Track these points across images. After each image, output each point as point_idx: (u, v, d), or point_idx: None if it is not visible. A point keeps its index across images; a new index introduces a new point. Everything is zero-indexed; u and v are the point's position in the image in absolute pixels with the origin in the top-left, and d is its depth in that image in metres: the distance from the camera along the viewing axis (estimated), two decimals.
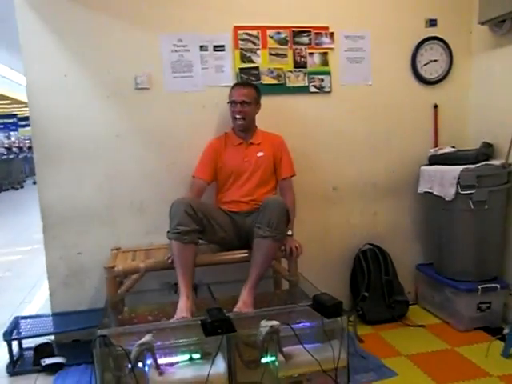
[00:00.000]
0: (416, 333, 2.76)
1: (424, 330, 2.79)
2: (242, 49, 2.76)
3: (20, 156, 13.40)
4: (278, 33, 2.80)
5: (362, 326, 2.83)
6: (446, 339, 2.64)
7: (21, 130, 15.51)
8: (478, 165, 2.66)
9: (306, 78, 2.86)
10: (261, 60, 2.79)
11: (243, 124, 2.55)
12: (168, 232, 2.28)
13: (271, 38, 2.79)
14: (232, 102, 2.54)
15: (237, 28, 2.74)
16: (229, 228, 2.48)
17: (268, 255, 2.30)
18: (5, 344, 2.48)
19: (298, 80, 2.86)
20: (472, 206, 2.65)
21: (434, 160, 2.92)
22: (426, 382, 2.22)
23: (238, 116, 2.53)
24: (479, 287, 2.68)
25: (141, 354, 1.76)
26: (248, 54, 2.77)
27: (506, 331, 2.55)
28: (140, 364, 1.79)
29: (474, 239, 2.73)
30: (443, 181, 2.73)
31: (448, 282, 2.80)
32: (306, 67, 2.85)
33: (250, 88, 2.57)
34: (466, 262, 2.77)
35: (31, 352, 2.52)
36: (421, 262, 3.17)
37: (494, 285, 2.72)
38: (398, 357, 2.47)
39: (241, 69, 2.76)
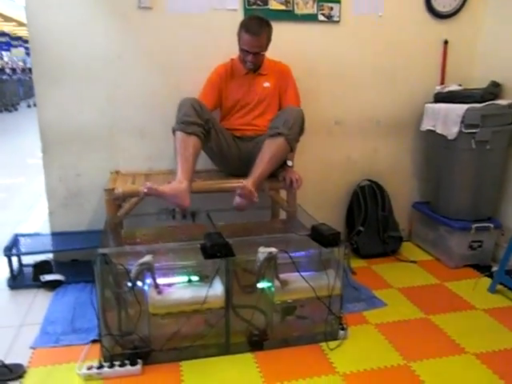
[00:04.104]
0: (407, 268, 2.83)
1: (415, 265, 2.86)
2: None
3: (14, 77, 13.00)
4: None
5: (355, 259, 2.90)
6: (436, 275, 2.72)
7: (13, 50, 14.96)
8: (483, 104, 2.61)
9: (315, 6, 2.72)
10: None
11: (253, 68, 2.47)
12: (173, 127, 2.23)
13: None
14: (244, 50, 2.40)
15: None
16: (232, 145, 2.43)
17: (276, 154, 2.25)
18: (5, 259, 2.52)
19: (306, 7, 2.72)
20: (474, 146, 2.63)
21: (440, 97, 2.86)
22: (414, 313, 2.31)
23: (250, 64, 2.43)
24: (473, 226, 2.73)
25: (141, 273, 1.81)
26: None
27: (494, 269, 2.61)
28: (139, 283, 1.84)
29: (473, 179, 2.74)
30: (447, 119, 2.69)
31: (443, 220, 2.85)
32: None
33: (264, 35, 2.36)
34: (462, 201, 2.80)
35: (30, 268, 2.57)
36: (417, 201, 3.20)
37: (487, 224, 2.77)
38: (388, 289, 2.55)
39: None
